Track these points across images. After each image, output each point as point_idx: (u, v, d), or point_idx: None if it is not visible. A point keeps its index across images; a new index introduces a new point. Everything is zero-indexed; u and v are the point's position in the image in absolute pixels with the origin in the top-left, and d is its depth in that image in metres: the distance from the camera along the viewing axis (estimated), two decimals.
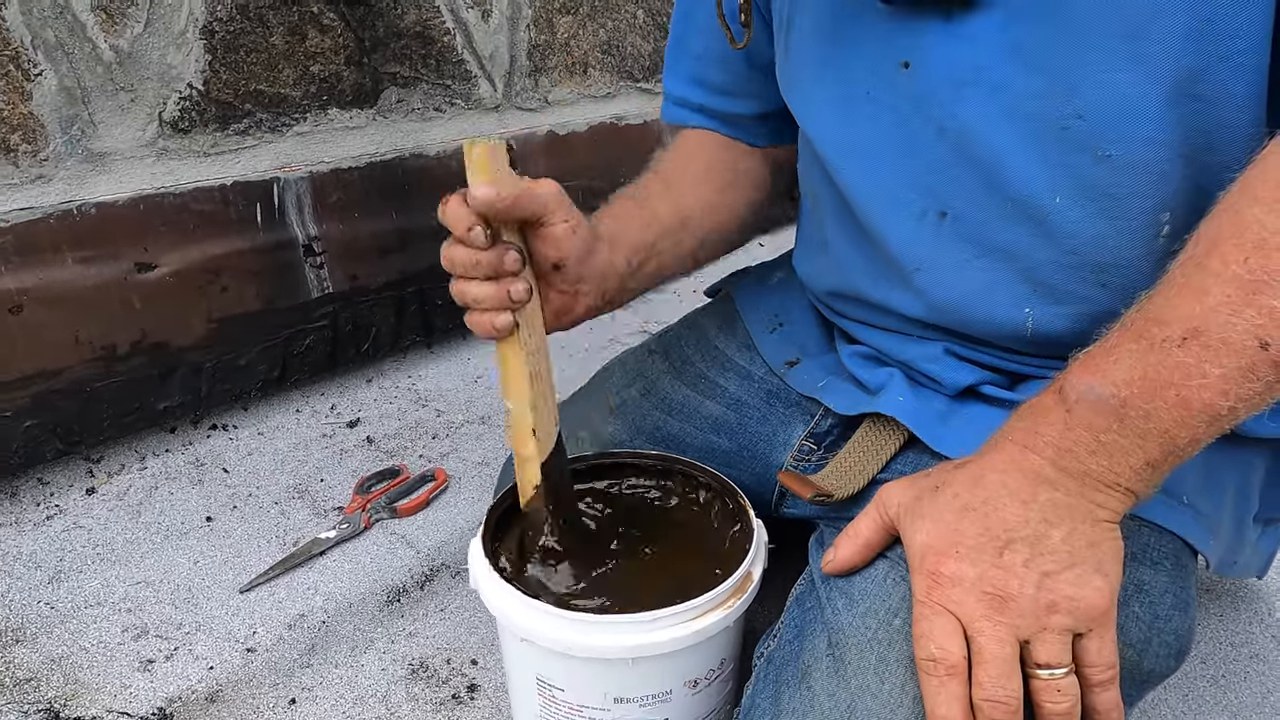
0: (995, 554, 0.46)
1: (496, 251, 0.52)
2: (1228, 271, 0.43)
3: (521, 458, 0.58)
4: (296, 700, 0.75)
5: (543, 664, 0.58)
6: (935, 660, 0.45)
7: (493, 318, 0.53)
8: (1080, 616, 0.45)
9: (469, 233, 0.51)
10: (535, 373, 0.56)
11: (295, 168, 1.09)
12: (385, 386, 1.24)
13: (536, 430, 0.56)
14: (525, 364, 0.55)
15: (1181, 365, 0.43)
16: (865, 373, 0.66)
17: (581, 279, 0.60)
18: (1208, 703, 0.75)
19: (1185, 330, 0.44)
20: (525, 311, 0.54)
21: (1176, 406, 0.43)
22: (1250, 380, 0.42)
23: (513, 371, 0.55)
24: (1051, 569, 0.45)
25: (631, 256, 0.65)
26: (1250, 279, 0.42)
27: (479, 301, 0.53)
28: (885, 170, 0.59)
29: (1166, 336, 0.44)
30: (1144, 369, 0.44)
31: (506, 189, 0.51)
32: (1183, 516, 0.56)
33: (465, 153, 0.50)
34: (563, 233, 0.56)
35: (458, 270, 0.54)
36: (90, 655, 0.76)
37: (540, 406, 0.57)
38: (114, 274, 0.96)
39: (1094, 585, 0.45)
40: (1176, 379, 0.43)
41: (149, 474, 1.01)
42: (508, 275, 0.53)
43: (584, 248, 0.58)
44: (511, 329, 0.53)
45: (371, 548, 0.92)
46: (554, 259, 0.57)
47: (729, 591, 0.57)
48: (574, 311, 0.61)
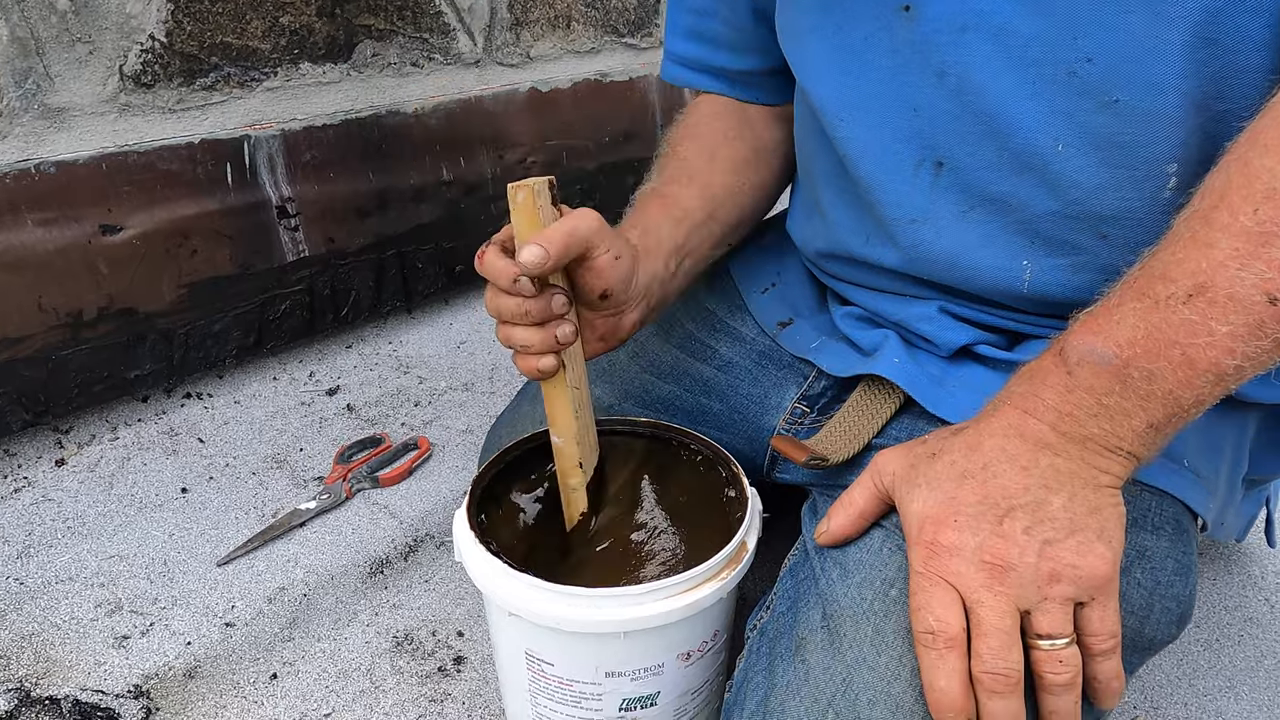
0: (995, 522, 0.44)
1: (544, 298, 0.52)
2: (1236, 224, 0.41)
3: (569, 487, 0.60)
4: (278, 675, 0.73)
5: (532, 638, 0.56)
6: (933, 633, 0.44)
7: (537, 361, 0.53)
8: (1083, 585, 0.43)
9: (516, 284, 0.51)
10: (579, 407, 0.56)
11: (266, 125, 1.05)
12: (366, 353, 1.21)
13: (583, 464, 0.59)
14: (570, 400, 0.56)
15: (1187, 323, 0.42)
16: (859, 333, 0.64)
17: (628, 300, 0.59)
18: (1201, 667, 0.74)
19: (1191, 286, 0.42)
20: (569, 350, 0.55)
21: (1181, 366, 0.42)
22: (1258, 337, 0.41)
23: (558, 409, 0.56)
24: (1053, 537, 0.43)
25: (669, 260, 0.63)
26: (1259, 231, 0.40)
27: (527, 347, 0.53)
28: (882, 120, 0.57)
29: (1171, 294, 0.42)
30: (1147, 328, 0.43)
31: (554, 244, 0.50)
32: (1184, 480, 0.54)
33: (510, 198, 0.51)
34: (607, 264, 0.54)
35: (504, 318, 0.53)
36: (62, 632, 0.74)
37: (584, 439, 0.58)
38: (77, 236, 0.92)
39: (1096, 552, 0.43)
40: (1181, 338, 0.42)
41: (121, 445, 0.98)
42: (555, 319, 0.53)
43: (628, 274, 0.57)
44: (558, 370, 0.54)
45: (353, 518, 0.89)
46: (600, 290, 0.55)
47: (723, 562, 0.55)
48: (620, 332, 0.60)
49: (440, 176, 1.23)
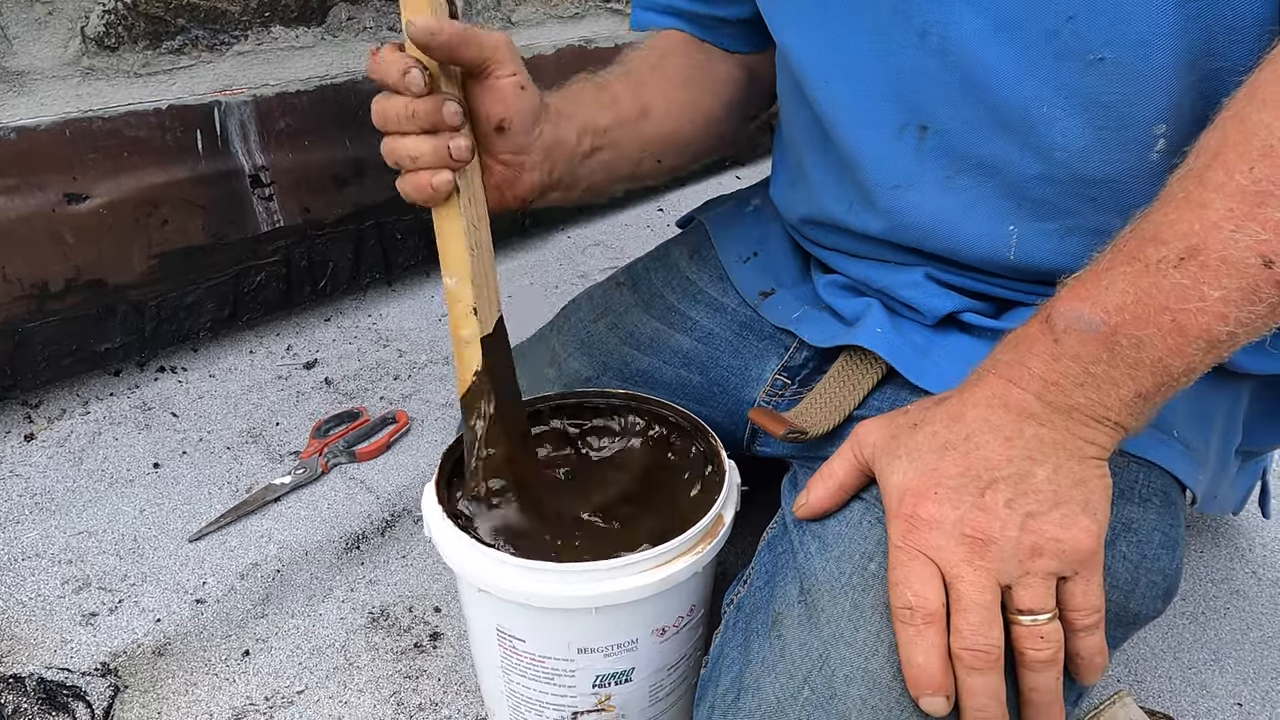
0: (976, 495, 0.43)
1: (435, 100, 0.47)
2: (1231, 183, 0.39)
3: (460, 339, 0.53)
4: (250, 652, 0.72)
5: (502, 614, 0.55)
6: (911, 608, 0.43)
7: (430, 177, 0.48)
8: (1066, 559, 0.42)
9: (404, 76, 0.46)
10: (476, 245, 0.51)
11: (237, 91, 1.02)
12: (344, 326, 1.19)
13: (477, 309, 0.52)
14: (466, 234, 0.50)
15: (1178, 288, 0.40)
16: (842, 303, 0.62)
17: (527, 149, 0.55)
18: (1187, 640, 0.74)
19: (1182, 249, 0.40)
20: (466, 175, 0.49)
21: (1172, 333, 0.40)
22: (1252, 302, 0.39)
23: (451, 242, 0.50)
24: (1036, 509, 0.42)
25: (583, 135, 0.59)
26: (1255, 190, 0.39)
27: (415, 159, 0.48)
28: (863, 83, 0.55)
29: (1162, 257, 0.41)
30: (1137, 293, 0.41)
31: (448, 24, 0.46)
32: (1172, 451, 0.53)
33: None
34: (509, 87, 0.51)
35: (390, 124, 0.48)
36: (28, 609, 0.72)
37: (481, 283, 0.52)
38: (41, 205, 0.89)
39: (1081, 526, 0.42)
40: (1172, 303, 0.40)
41: (92, 419, 0.96)
42: (447, 129, 0.48)
43: (531, 110, 0.53)
44: (451, 191, 0.49)
45: (329, 493, 0.88)
46: (498, 118, 0.51)
47: (698, 536, 0.53)
48: (518, 186, 0.56)
49: None
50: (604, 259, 1.39)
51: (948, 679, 0.42)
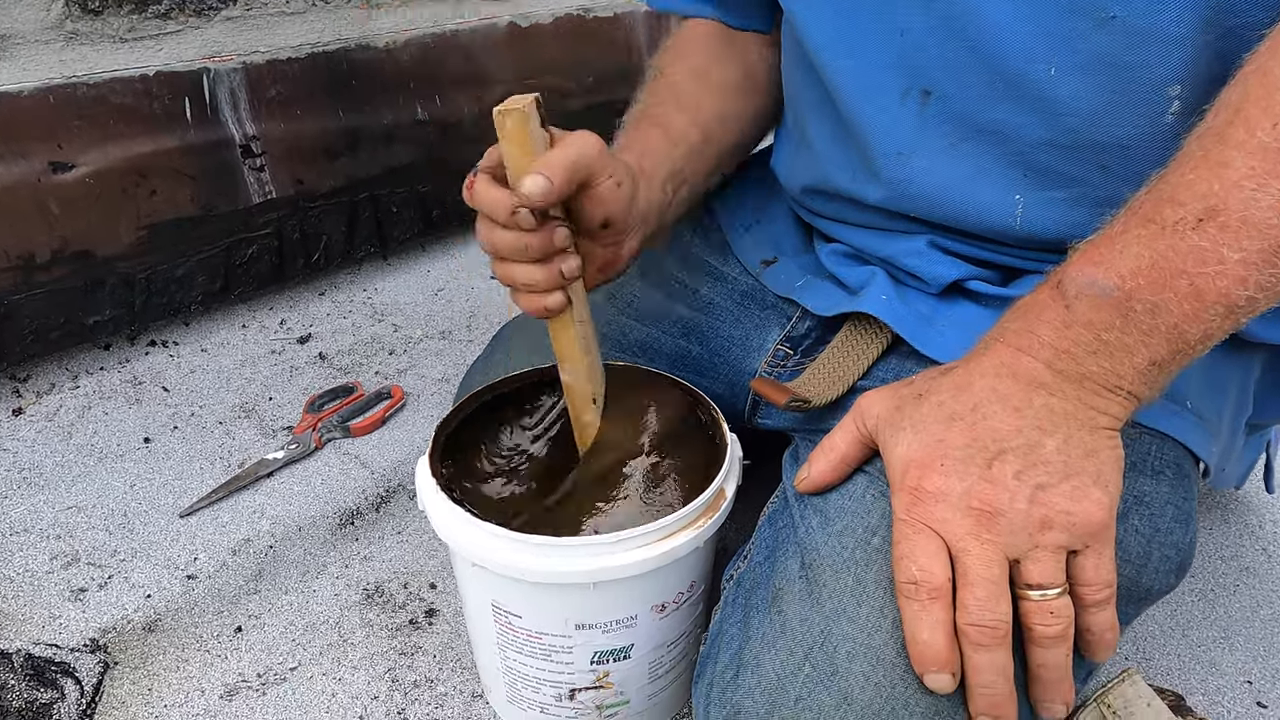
0: (984, 466, 0.41)
1: (545, 232, 0.48)
2: (1253, 140, 0.38)
3: (583, 423, 0.58)
4: (243, 628, 0.70)
5: (498, 590, 0.53)
6: (916, 583, 0.41)
7: (544, 299, 0.50)
8: (1077, 532, 0.40)
9: (514, 217, 0.47)
10: (587, 341, 0.54)
11: (227, 57, 0.99)
12: (339, 300, 1.17)
13: (595, 399, 0.57)
14: (578, 336, 0.53)
15: (1196, 250, 0.38)
16: (845, 271, 0.60)
17: (628, 228, 0.55)
18: (1196, 618, 0.72)
19: (1201, 210, 0.38)
20: (574, 285, 0.52)
21: (1189, 298, 0.39)
22: (1273, 264, 0.38)
23: (566, 345, 0.54)
24: (1045, 481, 0.40)
25: (666, 186, 0.59)
26: (1279, 148, 0.37)
27: (531, 286, 0.50)
28: (867, 46, 0.53)
29: (1180, 218, 0.39)
30: (1153, 256, 0.39)
31: (557, 173, 0.46)
32: (1185, 422, 0.51)
33: (497, 126, 0.46)
34: (609, 191, 0.51)
35: (501, 254, 0.50)
36: (15, 585, 0.71)
37: (594, 374, 0.56)
38: (25, 174, 0.87)
39: (1092, 498, 0.40)
40: (1190, 266, 0.38)
41: (81, 393, 0.95)
42: (558, 253, 0.50)
43: (629, 198, 0.53)
44: (565, 306, 0.51)
45: (323, 468, 0.86)
46: (601, 219, 0.52)
47: (699, 510, 0.52)
48: (619, 263, 0.57)
49: (415, 115, 1.18)
50: None
51: (954, 655, 0.41)
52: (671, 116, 0.63)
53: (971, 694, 0.42)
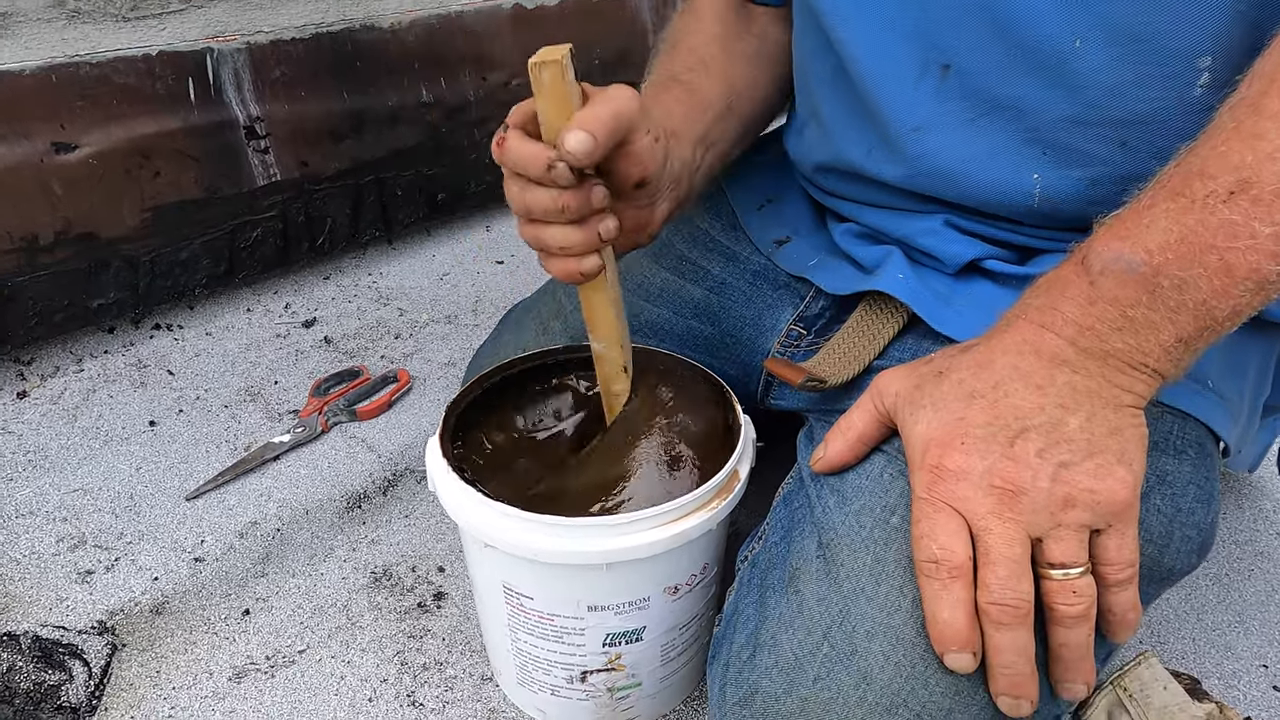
0: (1006, 444, 0.40)
1: (583, 190, 0.46)
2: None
3: (613, 394, 0.56)
4: (250, 611, 0.70)
5: (509, 571, 0.53)
6: (937, 562, 0.40)
7: (579, 263, 0.48)
8: (1100, 511, 0.39)
9: (551, 172, 0.44)
10: (618, 307, 0.52)
11: (230, 38, 0.98)
12: (344, 284, 1.16)
13: (627, 368, 0.55)
14: (611, 303, 0.51)
15: (1226, 224, 0.37)
16: (860, 250, 0.59)
17: (660, 189, 0.53)
18: (1211, 601, 0.72)
19: (1233, 183, 0.37)
20: (606, 249, 0.49)
21: (1218, 273, 0.38)
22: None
23: (599, 313, 0.51)
24: (1069, 459, 0.39)
25: (696, 149, 0.57)
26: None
27: (566, 248, 0.47)
28: (884, 18, 0.52)
29: (1210, 191, 0.38)
30: (1181, 231, 0.38)
31: (601, 128, 0.43)
32: (1207, 402, 0.51)
33: (533, 78, 0.43)
34: (646, 148, 0.48)
35: (536, 214, 0.47)
36: (22, 567, 0.70)
37: (625, 342, 0.54)
38: (28, 155, 0.86)
39: (1116, 476, 0.39)
40: (1220, 241, 0.37)
41: (86, 376, 0.94)
42: (595, 215, 0.47)
43: (663, 157, 0.51)
44: (600, 271, 0.49)
45: (329, 452, 0.86)
46: (638, 177, 0.49)
47: (713, 491, 0.51)
48: (650, 226, 0.54)
49: (420, 98, 1.17)
50: None
51: (974, 635, 0.40)
52: (699, 81, 0.61)
53: (992, 673, 0.41)
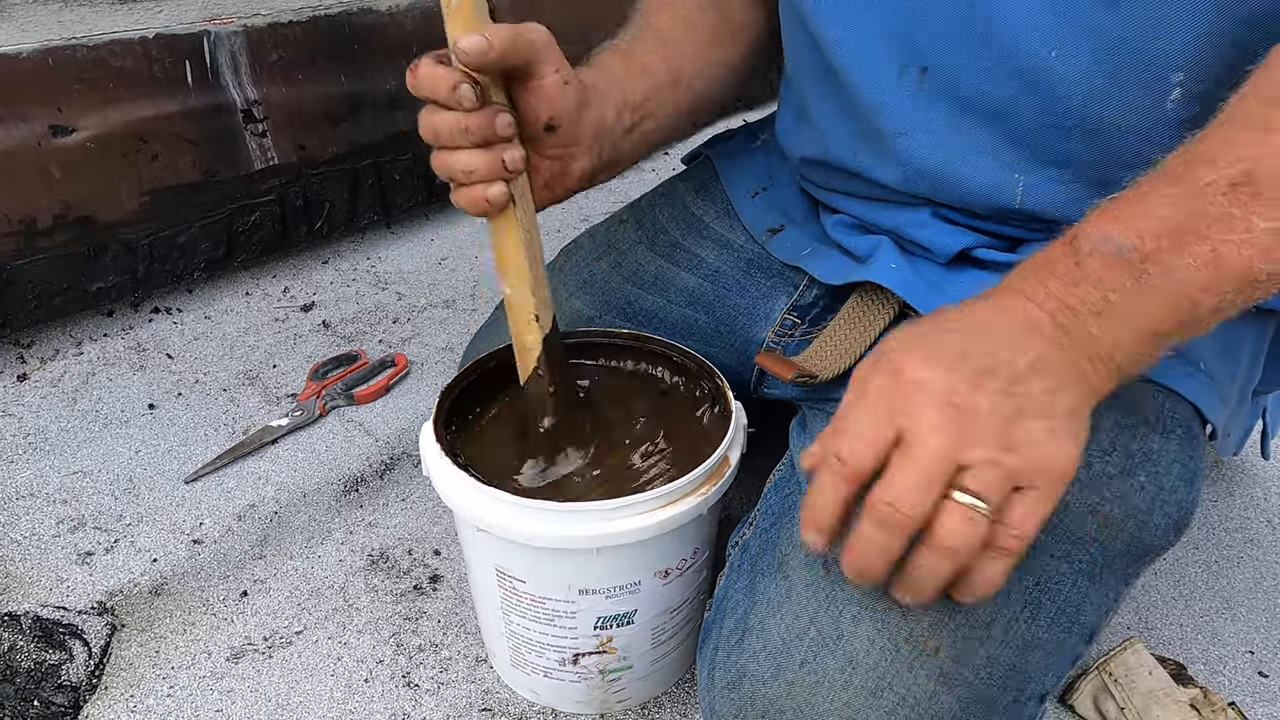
0: (973, 372, 0.37)
1: (487, 113, 0.46)
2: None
3: (523, 345, 0.53)
4: (248, 593, 0.71)
5: (502, 555, 0.53)
6: (844, 461, 0.37)
7: (484, 190, 0.48)
8: (1035, 469, 0.36)
9: (454, 92, 0.45)
10: (532, 252, 0.51)
11: (227, 20, 0.98)
12: (342, 268, 1.16)
13: (539, 316, 0.52)
14: (522, 242, 0.50)
15: (1223, 216, 0.36)
16: (851, 240, 0.60)
17: (575, 139, 0.53)
18: (1200, 588, 0.72)
19: (1236, 174, 0.37)
20: (518, 183, 0.49)
21: (1208, 265, 0.37)
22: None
23: (509, 251, 0.50)
24: (1027, 411, 0.37)
25: (623, 113, 0.58)
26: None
27: (470, 173, 0.47)
28: (867, 21, 0.53)
29: (1211, 181, 0.37)
30: (1178, 218, 0.37)
31: (497, 36, 0.44)
32: (1197, 383, 0.51)
33: (443, 2, 0.44)
34: (554, 85, 0.49)
35: (442, 139, 0.47)
36: (23, 548, 0.71)
37: (539, 289, 0.52)
38: (25, 137, 0.86)
39: (1066, 448, 0.37)
40: (1214, 232, 0.37)
41: (86, 360, 0.94)
42: (500, 141, 0.47)
43: (577, 103, 0.51)
44: (507, 202, 0.48)
45: (327, 436, 0.86)
46: (547, 117, 0.50)
47: (703, 477, 0.52)
48: (568, 179, 0.55)
49: None
50: (607, 201, 1.36)
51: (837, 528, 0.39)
52: (640, 50, 0.62)
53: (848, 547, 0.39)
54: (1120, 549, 0.48)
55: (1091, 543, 0.47)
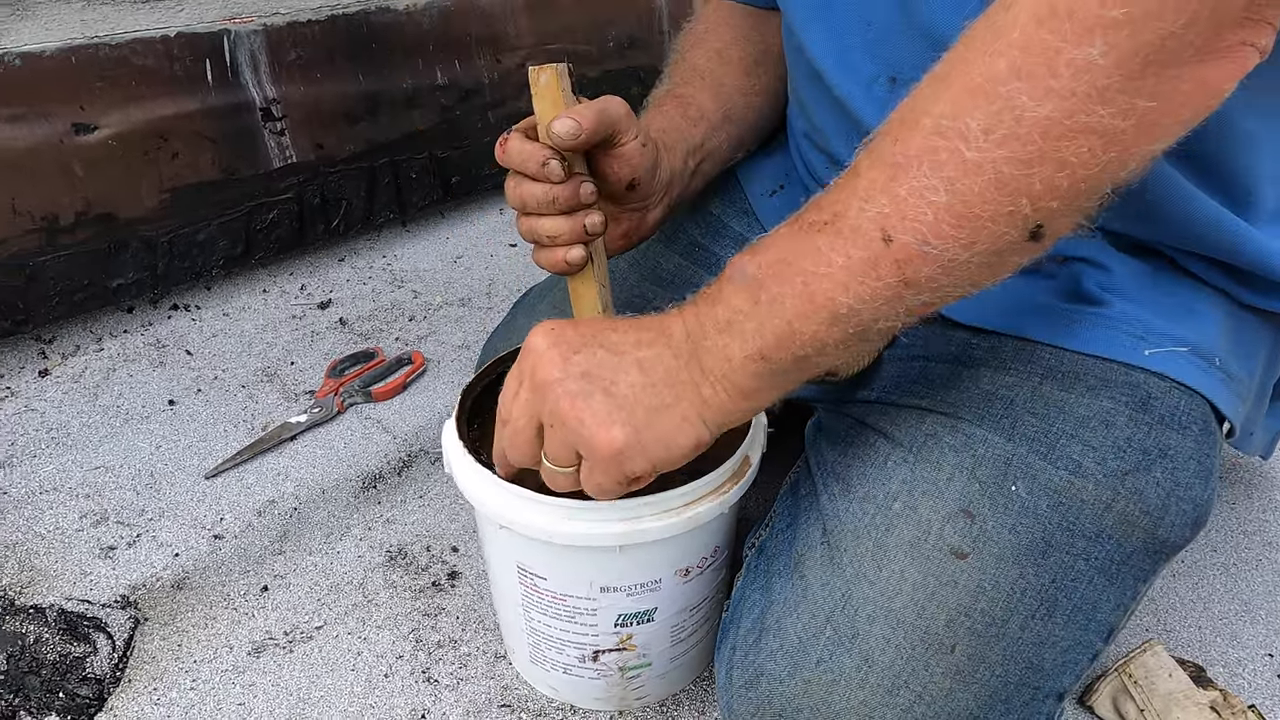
0: (569, 352, 0.43)
1: (572, 184, 0.50)
2: (883, 152, 0.39)
3: None
4: (269, 587, 0.71)
5: (523, 552, 0.54)
6: (507, 422, 0.46)
7: (565, 252, 0.51)
8: (579, 443, 0.43)
9: (544, 168, 0.49)
10: (605, 305, 0.54)
11: (247, 19, 0.98)
12: (359, 266, 1.17)
13: None
14: (598, 297, 0.53)
15: (813, 250, 0.40)
16: None
17: (651, 192, 0.57)
18: (1218, 591, 0.72)
19: (829, 215, 0.40)
20: (595, 243, 0.53)
21: (801, 295, 0.40)
22: (871, 277, 0.38)
23: (585, 306, 0.54)
24: (593, 394, 0.42)
25: (688, 158, 0.61)
26: (893, 162, 0.38)
27: (554, 238, 0.51)
28: (841, 32, 0.55)
29: (812, 221, 0.41)
30: (784, 253, 0.41)
31: (586, 118, 0.48)
32: (1212, 379, 0.51)
33: (531, 80, 0.49)
34: (634, 149, 0.52)
35: (529, 207, 0.51)
36: (46, 542, 0.72)
37: None
38: (49, 135, 0.87)
39: (610, 430, 0.42)
40: (806, 265, 0.40)
41: (106, 356, 0.95)
42: (583, 208, 0.51)
43: (653, 162, 0.55)
44: (586, 262, 0.52)
45: (345, 432, 0.87)
46: (629, 178, 0.53)
47: (724, 477, 0.52)
48: (644, 228, 0.59)
49: (434, 80, 1.17)
50: None
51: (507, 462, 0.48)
52: (692, 95, 0.65)
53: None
54: (1137, 545, 0.48)
55: (1107, 539, 0.47)
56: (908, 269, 0.38)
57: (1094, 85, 0.34)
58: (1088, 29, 0.34)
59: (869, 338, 0.41)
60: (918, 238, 0.37)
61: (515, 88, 1.28)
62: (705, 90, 0.66)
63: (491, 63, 1.23)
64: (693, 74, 0.67)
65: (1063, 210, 0.37)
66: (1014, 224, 0.37)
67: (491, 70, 1.24)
